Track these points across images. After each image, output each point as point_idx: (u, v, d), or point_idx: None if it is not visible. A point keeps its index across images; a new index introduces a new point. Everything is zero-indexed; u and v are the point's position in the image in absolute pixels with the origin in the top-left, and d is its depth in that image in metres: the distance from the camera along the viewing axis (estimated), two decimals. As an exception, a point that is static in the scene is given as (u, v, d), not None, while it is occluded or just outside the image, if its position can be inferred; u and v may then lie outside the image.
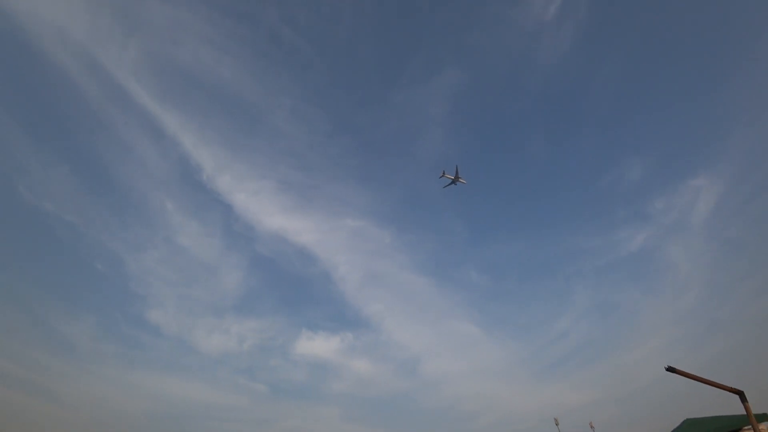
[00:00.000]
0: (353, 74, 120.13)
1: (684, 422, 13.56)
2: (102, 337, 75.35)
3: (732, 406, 14.34)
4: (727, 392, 9.28)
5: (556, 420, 34.60)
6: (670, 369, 9.45)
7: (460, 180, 53.35)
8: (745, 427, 13.84)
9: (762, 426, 15.07)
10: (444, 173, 53.32)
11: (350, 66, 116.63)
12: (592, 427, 36.84)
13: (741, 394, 9.01)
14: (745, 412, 9.26)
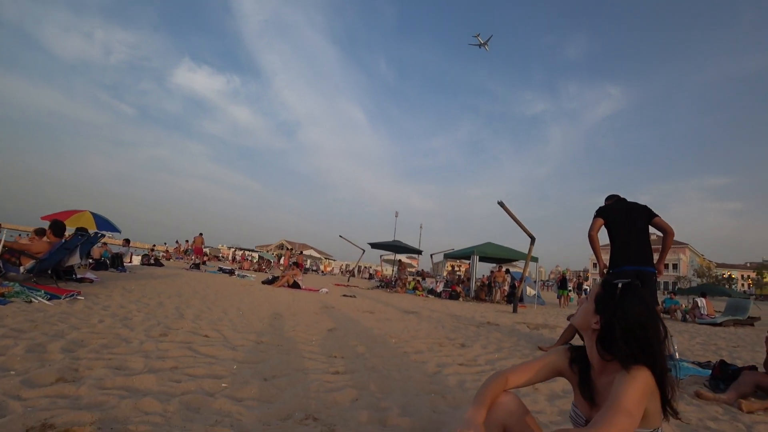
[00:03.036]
0: None
1: (486, 243, 16.13)
2: None
3: (521, 246, 17.90)
4: (526, 236, 10.94)
5: (396, 213, 43.66)
6: (501, 204, 10.31)
7: (485, 46, 60.27)
8: (517, 261, 18.42)
9: (515, 264, 20.41)
10: (479, 35, 58.68)
11: None
12: (420, 227, 49.32)
13: (533, 240, 10.85)
14: (526, 252, 11.59)
